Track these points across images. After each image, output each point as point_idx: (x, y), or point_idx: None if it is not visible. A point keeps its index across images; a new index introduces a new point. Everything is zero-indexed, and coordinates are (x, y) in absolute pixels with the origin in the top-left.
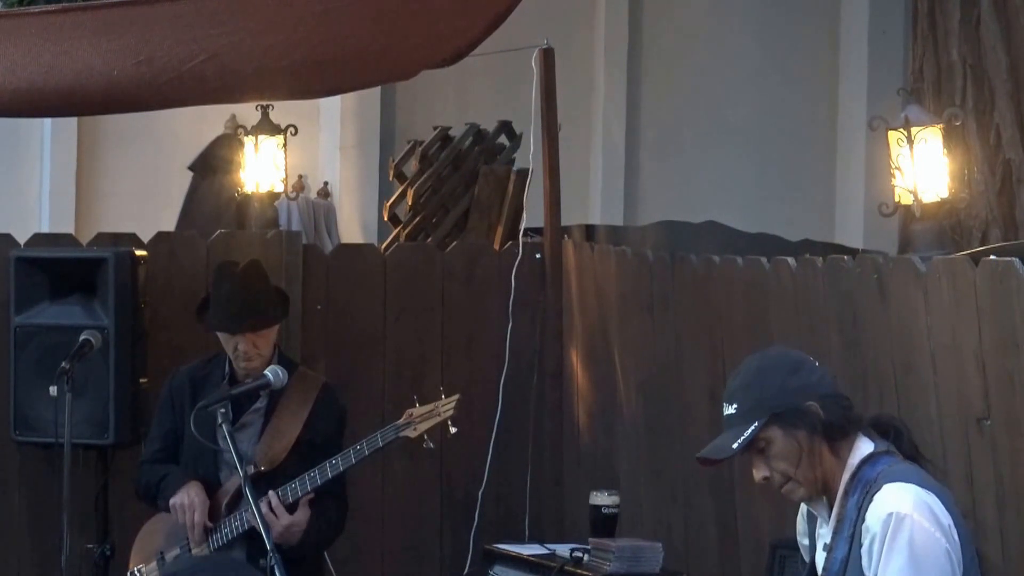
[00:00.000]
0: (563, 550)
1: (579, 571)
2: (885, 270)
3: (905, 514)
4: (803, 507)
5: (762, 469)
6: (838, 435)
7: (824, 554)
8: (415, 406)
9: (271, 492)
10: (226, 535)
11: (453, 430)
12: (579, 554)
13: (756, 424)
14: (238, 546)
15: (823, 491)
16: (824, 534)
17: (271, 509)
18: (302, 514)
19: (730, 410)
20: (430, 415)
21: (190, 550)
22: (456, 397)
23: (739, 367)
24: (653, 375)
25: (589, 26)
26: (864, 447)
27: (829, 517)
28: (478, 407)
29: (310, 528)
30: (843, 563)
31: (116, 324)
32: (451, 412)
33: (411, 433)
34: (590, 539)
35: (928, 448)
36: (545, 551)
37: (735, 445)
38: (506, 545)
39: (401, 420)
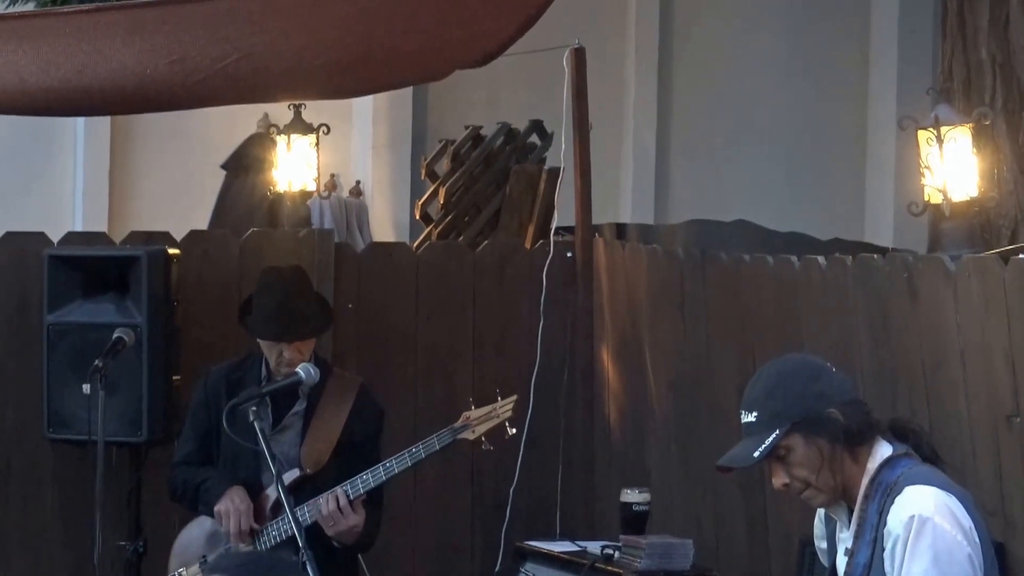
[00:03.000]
0: (594, 547)
1: (610, 568)
2: (915, 269)
3: (927, 517)
4: (821, 510)
5: (781, 476)
6: (858, 441)
7: (845, 558)
8: (471, 408)
9: (339, 489)
10: (273, 537)
11: (512, 431)
12: (610, 551)
13: (777, 432)
14: (286, 544)
15: (843, 496)
16: (845, 538)
17: (339, 507)
18: (360, 515)
19: (749, 418)
20: (488, 417)
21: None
22: (514, 398)
23: (758, 374)
24: (683, 373)
25: (620, 26)
26: (883, 451)
27: (849, 521)
28: None
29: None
30: (865, 567)
31: (149, 322)
32: (509, 414)
33: (469, 435)
34: (621, 536)
35: (957, 446)
36: (576, 548)
37: (756, 454)
38: (537, 542)
39: (458, 423)
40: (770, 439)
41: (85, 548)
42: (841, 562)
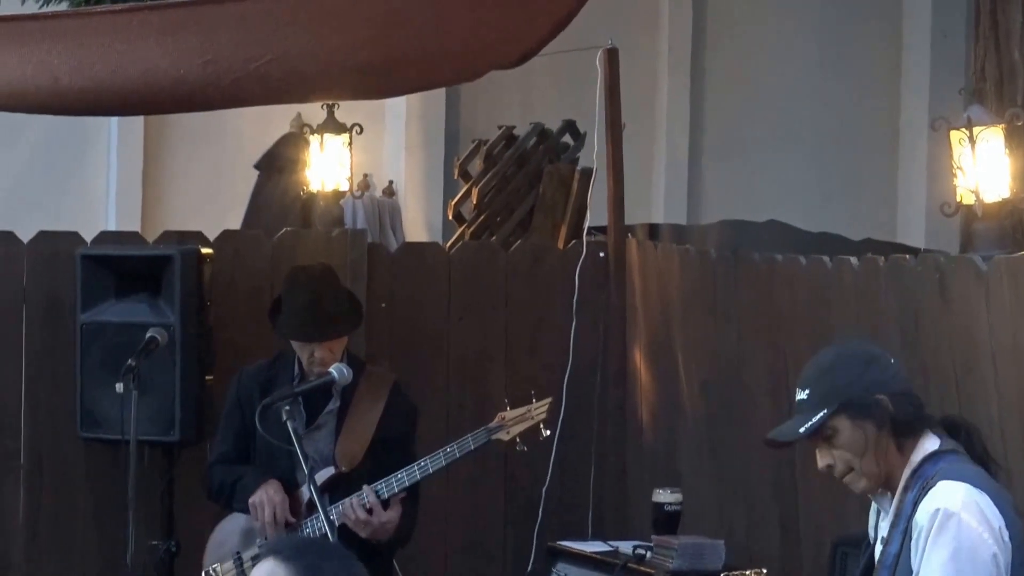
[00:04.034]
0: (626, 547)
1: (642, 568)
2: (947, 269)
3: (953, 512)
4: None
5: (826, 457)
6: (905, 432)
7: (881, 547)
8: (506, 409)
9: (366, 489)
10: (308, 534)
11: (546, 433)
12: (642, 551)
13: (825, 412)
14: None
15: (885, 485)
16: (883, 526)
17: (366, 510)
18: (395, 511)
19: (802, 395)
20: (523, 418)
21: None
22: (549, 400)
23: (817, 355)
24: (715, 373)
25: (653, 26)
26: (929, 445)
27: (890, 510)
28: None
29: (398, 525)
30: (895, 557)
31: (182, 322)
32: (544, 415)
33: (504, 436)
34: (653, 536)
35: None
36: (608, 548)
37: (802, 430)
38: (569, 542)
39: (493, 423)
40: (817, 417)
41: (118, 548)
42: (879, 551)
